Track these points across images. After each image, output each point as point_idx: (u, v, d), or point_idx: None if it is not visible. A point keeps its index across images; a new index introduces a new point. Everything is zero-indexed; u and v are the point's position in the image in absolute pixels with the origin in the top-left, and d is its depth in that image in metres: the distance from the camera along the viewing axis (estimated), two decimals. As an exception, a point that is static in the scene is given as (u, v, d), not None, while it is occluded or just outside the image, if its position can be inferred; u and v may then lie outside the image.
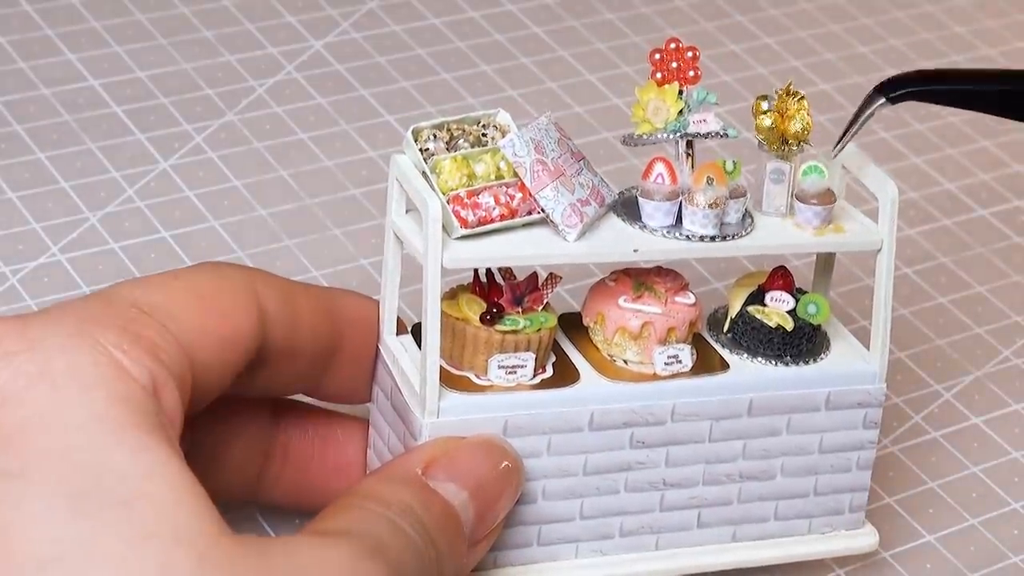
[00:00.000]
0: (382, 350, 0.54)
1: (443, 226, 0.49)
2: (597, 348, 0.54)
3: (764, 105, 0.53)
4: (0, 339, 0.44)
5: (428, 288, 0.49)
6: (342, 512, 0.47)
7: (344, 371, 0.54)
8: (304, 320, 0.52)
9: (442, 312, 0.50)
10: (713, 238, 0.52)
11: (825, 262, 0.57)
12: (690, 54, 0.52)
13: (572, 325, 0.55)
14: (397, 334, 0.54)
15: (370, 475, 0.50)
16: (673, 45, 0.52)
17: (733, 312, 0.55)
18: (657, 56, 0.52)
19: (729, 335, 0.55)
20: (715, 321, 0.56)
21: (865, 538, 0.56)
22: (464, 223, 0.50)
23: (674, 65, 0.52)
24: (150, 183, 0.71)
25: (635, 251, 0.51)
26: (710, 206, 0.51)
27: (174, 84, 0.77)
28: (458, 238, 0.49)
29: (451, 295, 0.52)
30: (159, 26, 0.80)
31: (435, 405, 0.50)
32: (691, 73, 0.52)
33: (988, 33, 0.91)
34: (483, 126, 0.52)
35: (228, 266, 0.51)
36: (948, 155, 0.81)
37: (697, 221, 0.51)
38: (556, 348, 0.54)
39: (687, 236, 0.52)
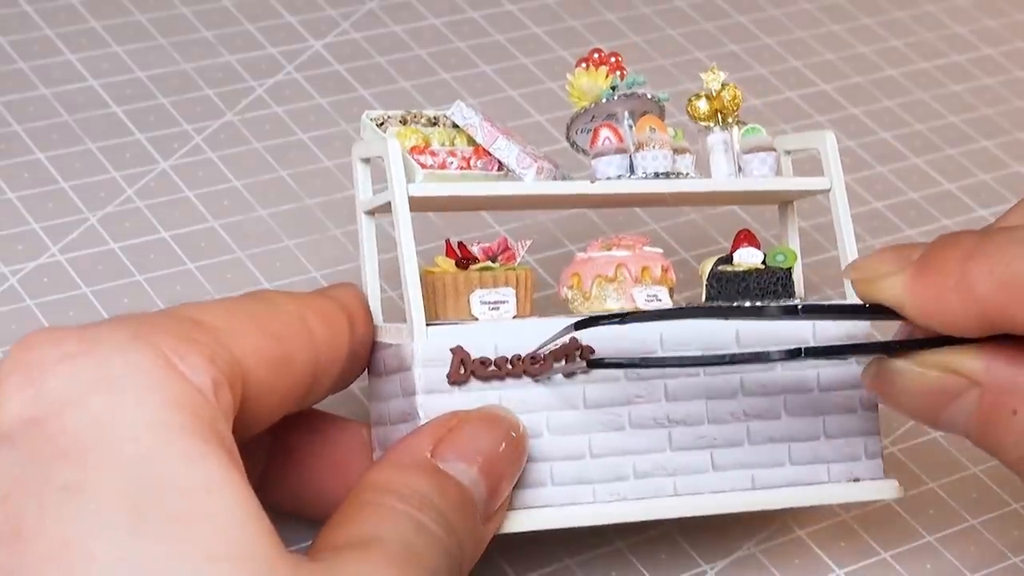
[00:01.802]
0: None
1: (405, 169, 0.52)
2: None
3: (698, 103, 0.58)
4: (60, 341, 0.44)
5: (399, 223, 0.51)
6: (362, 512, 0.47)
7: (355, 361, 0.54)
8: (341, 342, 0.52)
9: (421, 275, 0.52)
10: (668, 175, 0.55)
11: (787, 215, 0.60)
12: (613, 59, 0.56)
13: None
14: None
15: (380, 461, 0.50)
16: (596, 55, 0.56)
17: (705, 278, 0.57)
18: (584, 65, 0.56)
19: (708, 303, 0.56)
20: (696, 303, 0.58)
21: (886, 485, 0.56)
22: (424, 166, 0.53)
23: (604, 68, 0.56)
24: (150, 183, 0.71)
25: (592, 182, 0.54)
26: (657, 147, 0.55)
27: (174, 84, 0.77)
28: (421, 182, 0.53)
29: (426, 267, 0.54)
30: (159, 26, 0.80)
31: (423, 327, 0.51)
32: (617, 73, 0.56)
33: (988, 33, 0.91)
34: (435, 116, 0.56)
35: (278, 294, 0.52)
36: (948, 155, 0.81)
37: (649, 162, 0.55)
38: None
39: (643, 175, 0.55)
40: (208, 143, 0.74)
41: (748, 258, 0.56)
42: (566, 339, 0.51)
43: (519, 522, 0.51)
